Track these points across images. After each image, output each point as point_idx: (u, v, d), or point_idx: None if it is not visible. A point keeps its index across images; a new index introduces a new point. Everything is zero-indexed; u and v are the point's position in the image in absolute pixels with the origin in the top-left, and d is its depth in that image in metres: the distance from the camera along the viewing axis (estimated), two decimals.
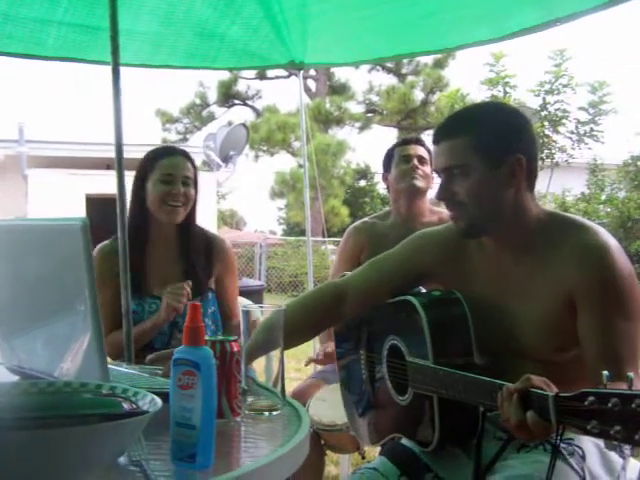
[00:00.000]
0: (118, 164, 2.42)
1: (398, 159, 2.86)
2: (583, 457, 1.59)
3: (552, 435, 1.27)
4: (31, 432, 0.94)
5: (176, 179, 2.40)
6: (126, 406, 1.07)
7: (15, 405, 1.08)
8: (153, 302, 2.41)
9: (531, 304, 1.61)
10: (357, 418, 2.02)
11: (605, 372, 1.15)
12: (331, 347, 2.59)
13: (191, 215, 2.47)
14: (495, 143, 1.60)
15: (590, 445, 1.60)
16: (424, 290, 1.87)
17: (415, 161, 2.81)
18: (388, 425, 1.88)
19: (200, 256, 2.48)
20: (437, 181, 1.74)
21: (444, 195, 1.65)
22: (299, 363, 5.97)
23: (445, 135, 1.64)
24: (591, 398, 1.12)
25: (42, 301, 1.45)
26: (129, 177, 2.40)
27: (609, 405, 1.09)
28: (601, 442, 1.56)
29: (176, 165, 2.42)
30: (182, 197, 2.40)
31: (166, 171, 2.40)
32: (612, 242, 1.57)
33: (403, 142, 2.94)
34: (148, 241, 2.47)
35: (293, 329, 1.68)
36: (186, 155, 2.49)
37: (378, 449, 2.12)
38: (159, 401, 1.07)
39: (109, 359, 2.14)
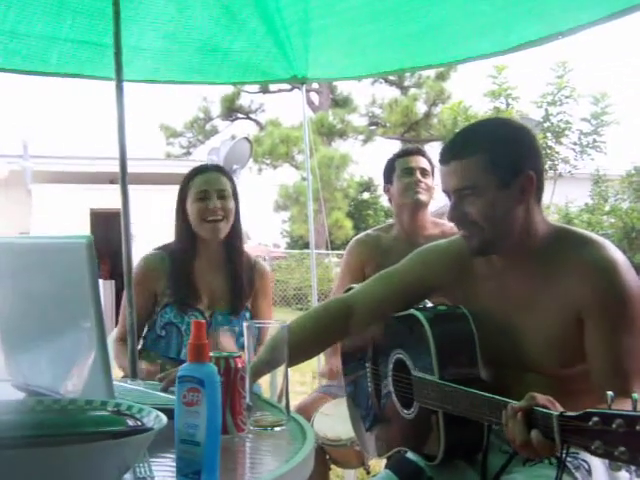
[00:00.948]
0: (122, 179, 2.43)
1: (400, 172, 2.81)
2: (589, 471, 1.59)
3: (557, 452, 1.26)
4: (36, 450, 0.94)
5: (210, 194, 2.42)
6: (131, 423, 1.07)
7: (21, 423, 1.08)
8: (193, 314, 2.43)
9: (538, 319, 1.61)
10: (364, 432, 2.02)
11: (609, 392, 1.15)
12: (336, 365, 2.59)
13: (235, 229, 2.49)
14: (506, 162, 1.59)
15: (596, 460, 1.59)
16: (430, 304, 1.87)
17: (418, 174, 2.78)
18: (394, 438, 1.88)
19: (244, 274, 2.50)
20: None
21: (456, 216, 1.64)
22: (303, 377, 5.96)
23: (454, 155, 1.63)
24: (595, 418, 1.12)
25: (47, 318, 1.46)
26: (133, 191, 2.42)
27: (613, 426, 1.08)
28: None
29: (209, 180, 2.45)
30: (220, 211, 2.42)
31: (200, 188, 2.43)
32: (620, 257, 1.56)
33: (404, 153, 2.89)
34: (195, 257, 2.49)
35: (300, 345, 1.68)
36: (219, 170, 2.52)
37: (383, 464, 2.12)
38: (164, 418, 1.07)
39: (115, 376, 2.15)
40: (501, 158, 1.59)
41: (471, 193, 1.60)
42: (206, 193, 2.42)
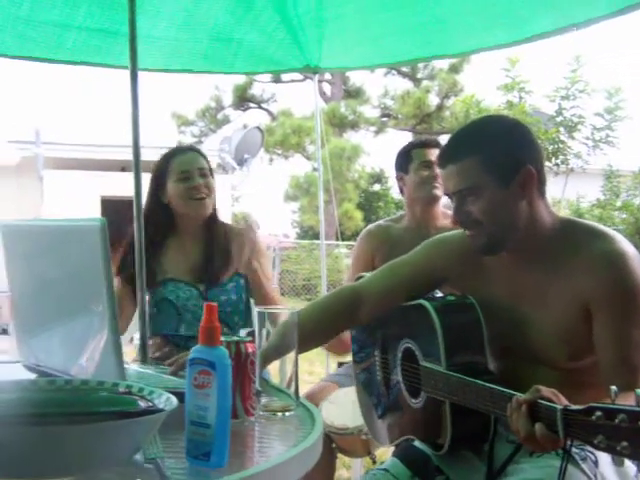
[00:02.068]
0: (135, 167, 2.44)
1: (417, 164, 2.77)
2: (596, 463, 1.59)
3: (560, 445, 1.27)
4: (48, 428, 0.96)
5: (193, 174, 2.48)
6: (142, 404, 1.08)
7: (33, 402, 1.10)
8: (188, 289, 2.48)
9: (546, 311, 1.61)
10: (375, 419, 2.03)
11: (613, 387, 1.15)
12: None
13: (214, 209, 2.55)
14: (502, 159, 1.60)
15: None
16: (440, 294, 1.88)
17: (436, 168, 2.75)
18: (402, 427, 1.89)
19: (219, 247, 2.53)
20: None
21: (460, 217, 1.65)
22: (312, 366, 5.97)
23: (451, 158, 1.63)
24: (599, 413, 1.12)
25: (60, 300, 1.47)
26: (145, 179, 2.44)
27: (616, 421, 1.09)
28: None
29: (189, 161, 2.51)
30: (204, 189, 2.48)
31: (181, 168, 2.49)
32: (630, 250, 1.56)
33: (422, 144, 2.83)
34: (171, 236, 2.55)
35: (310, 332, 1.70)
36: (196, 149, 2.59)
37: (389, 453, 2.13)
38: (175, 400, 1.08)
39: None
40: (497, 156, 1.60)
41: (471, 193, 1.60)
42: (188, 173, 2.48)
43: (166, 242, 2.55)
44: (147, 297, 2.43)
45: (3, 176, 12.82)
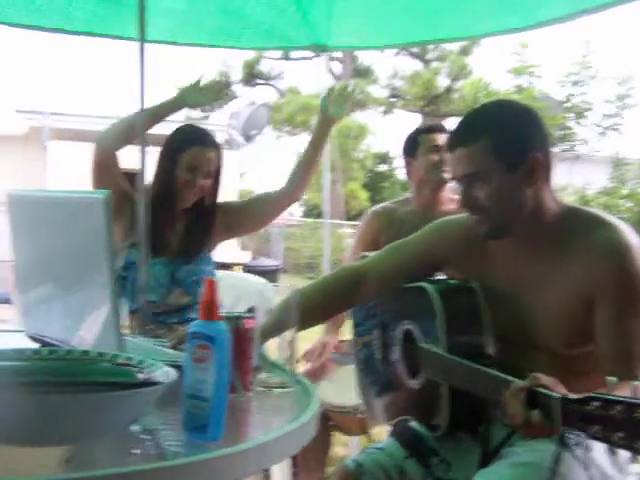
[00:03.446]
0: (141, 139, 2.44)
1: (426, 148, 2.78)
2: (589, 448, 1.60)
3: (555, 433, 1.28)
4: (46, 397, 0.97)
5: (199, 173, 2.48)
6: (141, 376, 1.10)
7: (34, 369, 1.11)
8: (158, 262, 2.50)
9: (548, 298, 1.62)
10: (371, 398, 2.05)
11: (610, 378, 1.16)
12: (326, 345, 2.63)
13: (204, 199, 2.54)
14: (511, 145, 1.59)
15: None
16: (442, 277, 1.88)
17: (444, 153, 2.77)
18: (399, 407, 1.91)
19: (198, 224, 2.56)
20: None
21: (466, 202, 1.65)
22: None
23: (460, 142, 1.63)
24: (596, 403, 1.13)
25: (62, 271, 1.48)
26: (150, 152, 2.44)
27: (612, 412, 1.10)
28: None
29: (202, 158, 2.49)
30: (198, 190, 2.49)
31: (192, 162, 2.47)
32: (634, 240, 1.56)
33: (429, 130, 2.86)
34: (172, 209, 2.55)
35: (311, 310, 1.71)
36: (216, 146, 2.55)
37: (385, 433, 2.15)
38: (173, 373, 1.09)
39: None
40: (505, 141, 1.59)
41: (478, 178, 1.60)
42: (196, 170, 2.48)
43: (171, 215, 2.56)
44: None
45: (11, 145, 12.80)
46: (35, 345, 1.50)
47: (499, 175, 1.59)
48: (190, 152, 2.48)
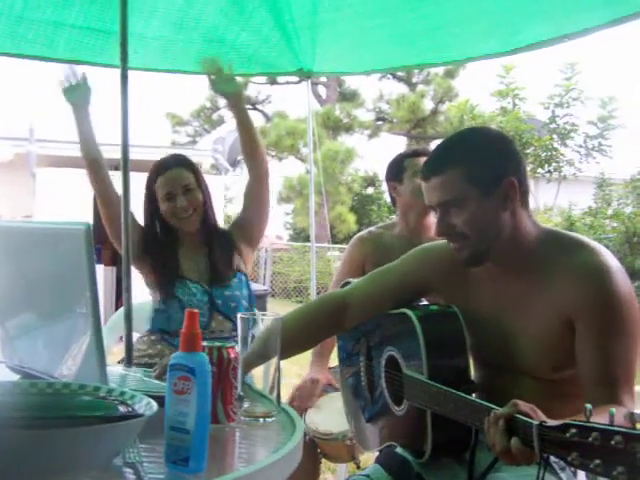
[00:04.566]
0: (124, 166, 2.45)
1: (412, 172, 2.76)
2: (575, 473, 1.60)
3: (536, 460, 1.27)
4: (28, 432, 0.96)
5: (175, 195, 2.51)
6: (122, 409, 1.09)
7: (14, 404, 1.10)
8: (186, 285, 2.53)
9: (529, 322, 1.62)
10: (358, 425, 2.04)
11: (588, 405, 1.16)
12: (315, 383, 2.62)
13: (208, 215, 2.59)
14: (485, 171, 1.60)
15: None
16: (425, 303, 1.89)
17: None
18: (384, 433, 1.90)
19: (221, 252, 2.59)
20: None
21: (443, 229, 1.65)
22: (302, 369, 5.96)
23: (434, 171, 1.63)
24: (573, 430, 1.12)
25: (44, 302, 1.48)
26: (137, 178, 2.47)
27: (590, 439, 1.09)
28: None
29: (172, 180, 2.52)
30: (188, 208, 2.51)
31: (165, 190, 2.52)
32: (612, 262, 1.56)
33: (415, 154, 2.84)
34: (179, 242, 2.60)
35: (294, 338, 1.71)
36: (182, 164, 2.57)
37: (373, 458, 2.14)
38: (155, 405, 1.09)
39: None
40: (480, 168, 1.60)
41: (454, 205, 1.60)
42: (170, 194, 2.51)
43: (177, 245, 2.60)
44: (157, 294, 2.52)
45: None
46: (16, 377, 1.49)
47: (475, 201, 1.59)
48: (160, 181, 2.53)
